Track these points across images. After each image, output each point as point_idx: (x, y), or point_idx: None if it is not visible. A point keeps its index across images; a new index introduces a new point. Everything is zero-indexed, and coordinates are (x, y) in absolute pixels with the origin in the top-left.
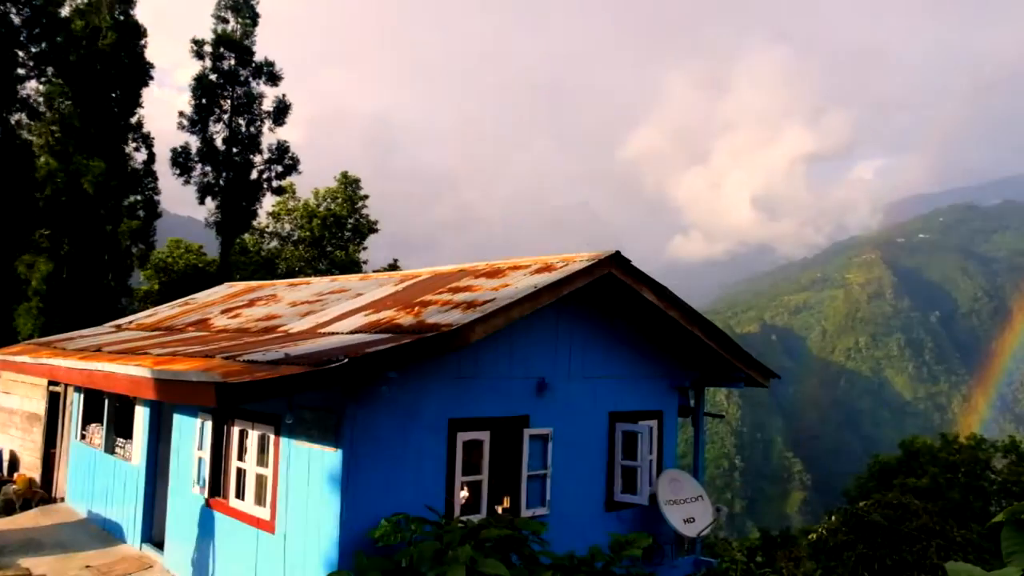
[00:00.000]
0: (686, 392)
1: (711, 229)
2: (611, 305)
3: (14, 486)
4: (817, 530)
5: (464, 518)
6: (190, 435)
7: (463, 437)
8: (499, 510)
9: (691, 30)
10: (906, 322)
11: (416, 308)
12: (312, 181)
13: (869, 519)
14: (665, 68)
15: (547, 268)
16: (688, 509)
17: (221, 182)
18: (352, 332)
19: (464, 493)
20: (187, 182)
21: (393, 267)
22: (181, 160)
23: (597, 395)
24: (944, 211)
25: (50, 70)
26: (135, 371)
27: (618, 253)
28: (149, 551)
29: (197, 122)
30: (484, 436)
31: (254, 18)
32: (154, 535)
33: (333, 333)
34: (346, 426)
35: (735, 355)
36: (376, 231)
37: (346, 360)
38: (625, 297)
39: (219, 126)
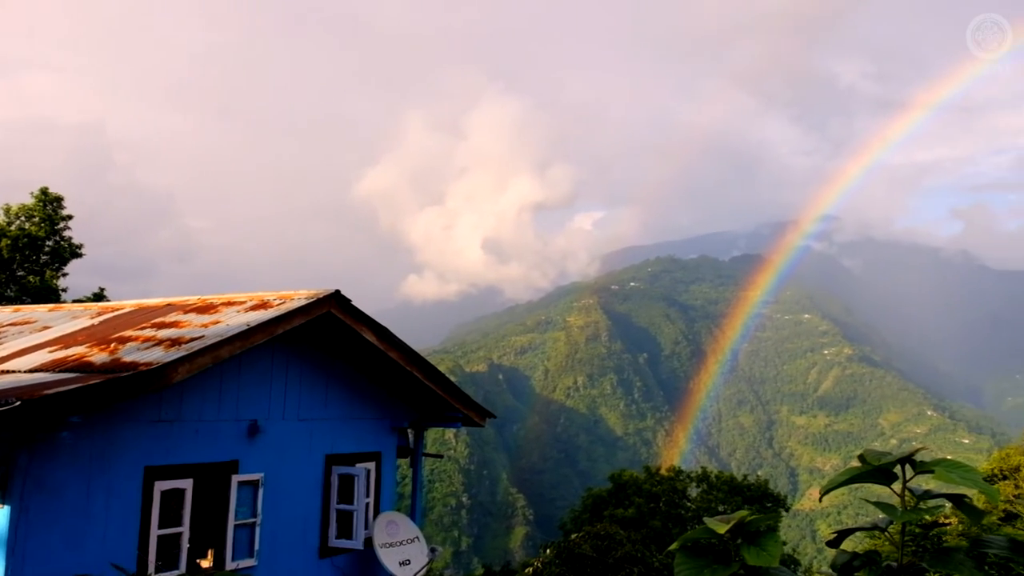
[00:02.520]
0: (406, 433)
1: (444, 270)
2: (331, 345)
3: None
4: (533, 564)
5: None
6: None
7: (162, 486)
8: (202, 565)
9: (432, 72)
10: (618, 363)
11: (112, 344)
12: (4, 196)
13: (579, 551)
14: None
15: (263, 305)
16: (404, 551)
17: None
18: (32, 371)
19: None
20: None
21: (99, 297)
22: None
23: (314, 437)
24: (652, 262)
25: None
26: None
27: (338, 292)
28: None
29: None
30: (186, 484)
31: None
32: None
33: (8, 372)
34: (16, 478)
35: (454, 396)
36: (80, 255)
37: (18, 403)
38: (346, 337)
39: None
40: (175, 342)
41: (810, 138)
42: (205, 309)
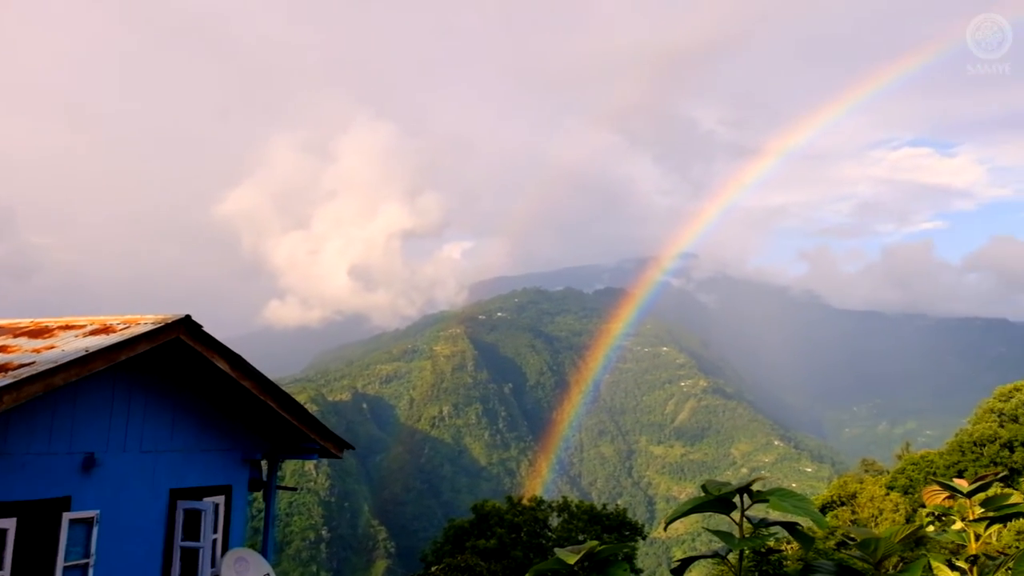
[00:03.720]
0: (259, 465)
1: (308, 295)
2: (180, 373)
3: None
4: None
5: None
6: None
7: None
8: None
9: (301, 94)
10: (484, 393)
11: None
12: None
13: None
14: (273, 127)
15: (106, 330)
16: None
17: None
18: None
19: None
20: None
21: None
22: None
23: (158, 471)
24: (519, 293)
25: None
26: None
27: (188, 317)
28: None
29: None
30: (9, 524)
31: None
32: None
33: None
34: None
35: (310, 427)
36: None
37: None
38: (196, 365)
39: None
40: (1, 369)
41: (671, 178)
42: (39, 333)
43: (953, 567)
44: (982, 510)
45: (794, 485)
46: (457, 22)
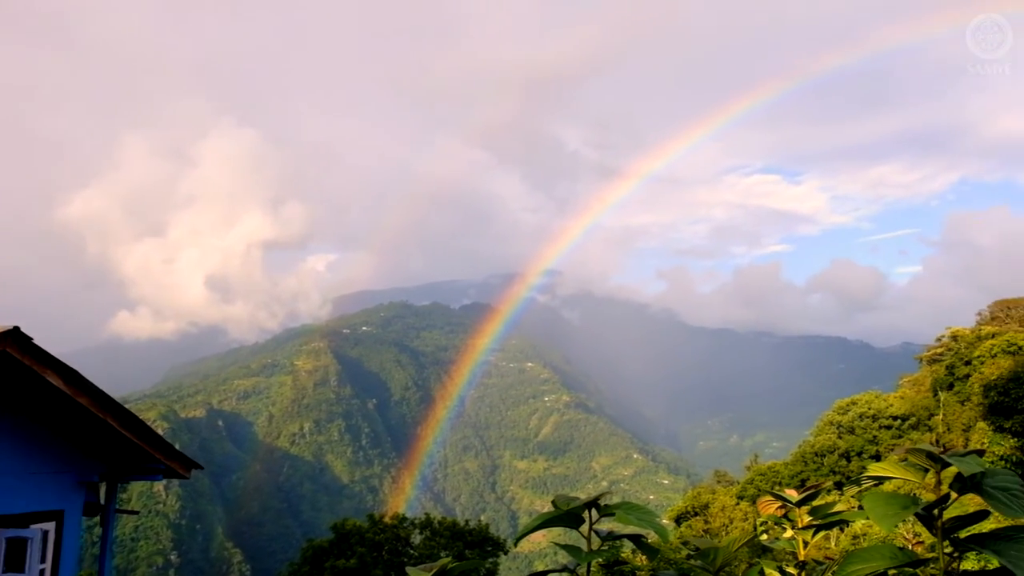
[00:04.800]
0: (97, 488)
1: (161, 306)
2: (8, 391)
3: None
4: None
5: None
6: None
7: None
8: None
9: (158, 95)
10: (347, 408)
11: None
12: None
13: None
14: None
15: None
16: None
17: None
18: None
19: None
20: None
21: None
22: None
23: None
24: (385, 307)
25: None
26: None
27: (16, 329)
28: None
29: None
30: None
31: None
32: None
33: None
34: None
35: (153, 445)
36: None
37: None
38: (25, 380)
39: None
40: None
41: (538, 196)
42: None
43: (784, 573)
44: (810, 518)
45: (652, 497)
46: (329, 32)
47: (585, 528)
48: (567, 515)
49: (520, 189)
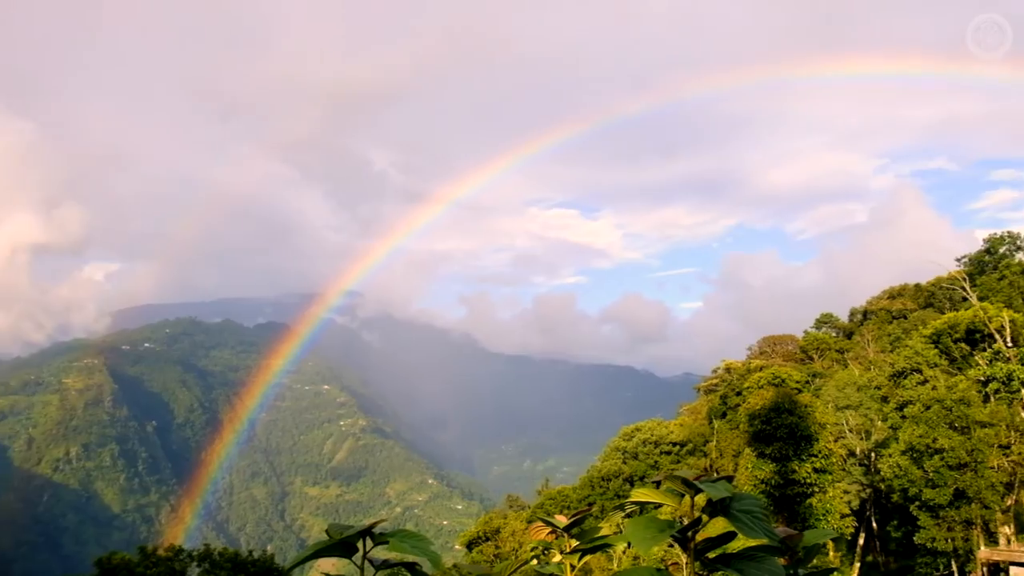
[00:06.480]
0: None
1: None
2: None
3: None
4: None
5: None
6: None
7: None
8: None
9: None
10: (123, 431)
11: None
12: None
13: None
14: None
15: None
16: None
17: None
18: None
19: None
20: None
21: None
22: None
23: None
24: (171, 323)
25: None
26: None
27: None
28: None
29: None
30: None
31: None
32: None
33: None
34: None
35: None
36: None
37: None
38: None
39: None
40: None
41: (341, 215)
42: None
43: None
44: (576, 542)
45: (445, 522)
46: (124, 31)
47: (359, 557)
48: (340, 544)
49: (323, 207)
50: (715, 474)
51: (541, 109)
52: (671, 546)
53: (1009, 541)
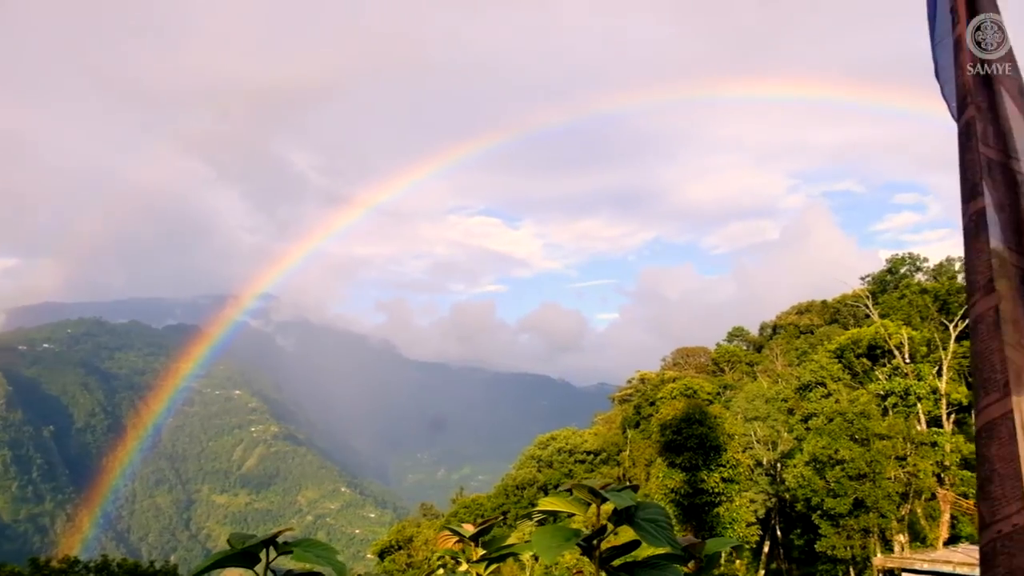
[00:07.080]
0: None
1: None
2: None
3: None
4: None
5: None
6: None
7: None
8: None
9: None
10: (16, 436)
11: None
12: None
13: None
14: None
15: None
16: None
17: None
18: None
19: None
20: None
21: None
22: None
23: None
24: (73, 323)
25: None
26: None
27: None
28: None
29: None
30: None
31: None
32: None
33: None
34: None
35: None
36: None
37: None
38: None
39: None
40: None
41: (258, 216)
42: None
43: None
44: (483, 551)
45: (358, 531)
46: (30, 16)
47: (261, 567)
48: (242, 554)
49: (240, 207)
50: (627, 483)
51: (465, 116)
52: (583, 554)
53: (903, 548)
